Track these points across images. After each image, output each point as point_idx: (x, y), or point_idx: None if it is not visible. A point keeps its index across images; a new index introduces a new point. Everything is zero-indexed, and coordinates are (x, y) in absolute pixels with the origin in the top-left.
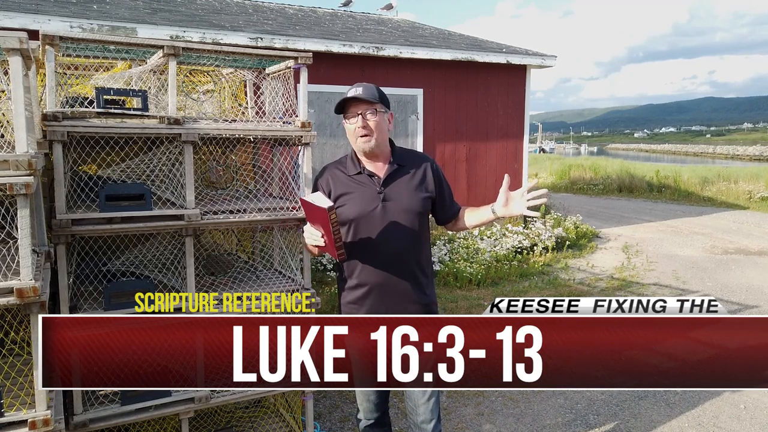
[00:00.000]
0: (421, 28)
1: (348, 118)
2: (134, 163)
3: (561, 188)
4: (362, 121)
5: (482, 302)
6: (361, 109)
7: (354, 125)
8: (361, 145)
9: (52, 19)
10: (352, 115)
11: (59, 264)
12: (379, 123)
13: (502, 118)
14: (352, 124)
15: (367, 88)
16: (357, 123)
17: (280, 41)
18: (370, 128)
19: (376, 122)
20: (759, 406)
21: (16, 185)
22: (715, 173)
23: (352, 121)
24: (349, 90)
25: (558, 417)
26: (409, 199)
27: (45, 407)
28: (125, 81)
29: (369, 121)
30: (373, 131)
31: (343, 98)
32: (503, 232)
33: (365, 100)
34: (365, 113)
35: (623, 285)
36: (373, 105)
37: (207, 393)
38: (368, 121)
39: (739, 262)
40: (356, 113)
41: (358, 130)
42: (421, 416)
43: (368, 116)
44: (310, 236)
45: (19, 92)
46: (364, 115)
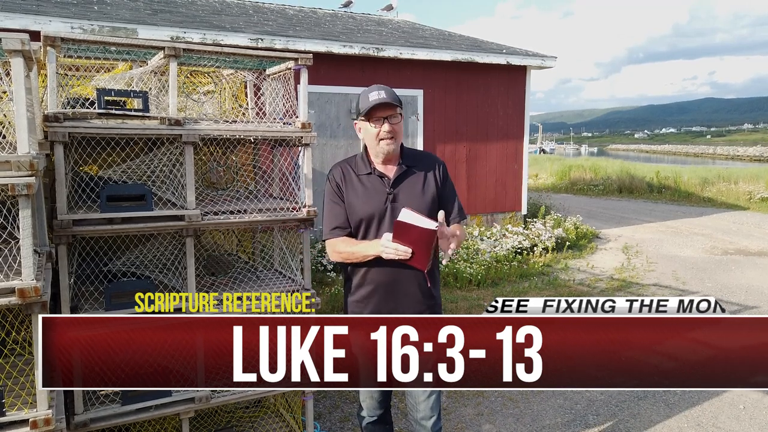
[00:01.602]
0: (422, 28)
1: (372, 121)
2: (135, 164)
3: (561, 189)
4: (389, 125)
5: (482, 302)
6: (386, 114)
7: (378, 129)
8: (385, 147)
9: (52, 20)
10: (377, 119)
11: (60, 264)
12: (401, 126)
13: (502, 119)
14: (376, 128)
15: (389, 91)
16: (384, 127)
17: (281, 42)
18: (395, 131)
19: (400, 126)
20: (758, 407)
21: (17, 186)
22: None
23: (376, 125)
24: (369, 93)
25: (557, 417)
26: (417, 200)
27: (46, 407)
28: (126, 82)
29: (395, 125)
30: (397, 134)
31: (374, 102)
32: (503, 233)
33: (391, 104)
34: (390, 117)
35: (623, 285)
36: (396, 109)
37: (207, 393)
38: (394, 126)
39: (738, 262)
40: (382, 117)
41: (383, 133)
42: (421, 413)
43: (393, 120)
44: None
45: (20, 93)
46: (390, 120)
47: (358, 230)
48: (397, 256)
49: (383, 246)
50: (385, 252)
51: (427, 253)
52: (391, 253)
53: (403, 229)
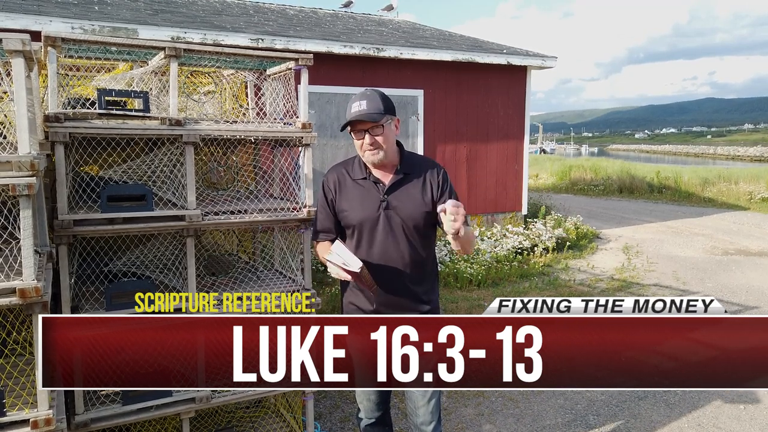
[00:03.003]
0: (422, 29)
1: (354, 133)
2: (136, 164)
3: (561, 189)
4: (369, 138)
5: (482, 303)
6: (367, 126)
7: (360, 141)
8: (369, 157)
9: (53, 20)
10: (358, 131)
11: (61, 264)
12: (387, 135)
13: (503, 119)
14: (359, 140)
15: (372, 100)
16: (366, 140)
17: (281, 42)
18: (378, 143)
19: (384, 137)
20: (759, 407)
21: (18, 186)
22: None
23: (358, 137)
24: (352, 104)
25: (558, 417)
26: (412, 208)
27: (47, 407)
28: (127, 82)
29: (376, 137)
30: (381, 145)
31: (351, 118)
32: (503, 233)
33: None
34: (372, 129)
35: (623, 286)
36: (378, 123)
37: (208, 393)
38: (375, 137)
39: (739, 263)
40: (362, 130)
41: (365, 146)
42: (420, 417)
43: (375, 132)
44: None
45: (21, 94)
46: (371, 131)
47: (352, 235)
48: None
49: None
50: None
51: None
52: (333, 274)
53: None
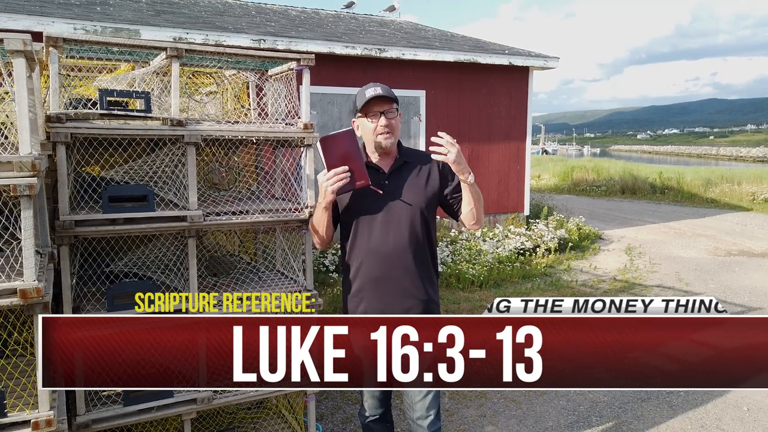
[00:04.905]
0: (424, 29)
1: (369, 116)
2: (137, 165)
3: (563, 190)
4: (385, 119)
5: (484, 304)
6: (383, 108)
7: (375, 123)
8: (382, 141)
9: (55, 21)
10: (374, 114)
11: (62, 265)
12: (398, 122)
13: (505, 120)
14: (373, 122)
15: (385, 87)
16: (380, 121)
17: (283, 43)
18: (392, 126)
19: (396, 121)
20: (762, 408)
21: (19, 186)
22: (719, 175)
23: (373, 120)
24: (366, 89)
25: (560, 419)
26: (412, 195)
27: (48, 408)
28: (128, 83)
29: (391, 119)
30: (395, 128)
31: (370, 96)
32: (506, 234)
33: (387, 98)
34: (387, 112)
35: (626, 287)
36: (392, 104)
37: (209, 394)
38: (390, 120)
39: (742, 263)
40: (378, 112)
41: (380, 128)
42: (417, 412)
43: (389, 115)
44: (333, 177)
45: (23, 94)
46: (386, 114)
47: (351, 222)
48: (339, 179)
49: (323, 183)
50: (327, 185)
51: (360, 162)
52: (332, 180)
53: (327, 146)
